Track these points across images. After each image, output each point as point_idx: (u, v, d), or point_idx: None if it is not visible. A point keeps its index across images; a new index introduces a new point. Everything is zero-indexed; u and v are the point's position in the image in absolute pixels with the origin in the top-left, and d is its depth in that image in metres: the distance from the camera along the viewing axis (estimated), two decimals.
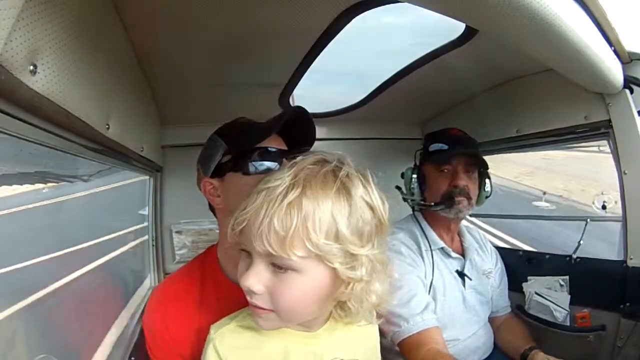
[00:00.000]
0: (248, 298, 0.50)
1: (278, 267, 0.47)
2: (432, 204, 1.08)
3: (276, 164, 0.73)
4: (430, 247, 1.09)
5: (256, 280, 0.48)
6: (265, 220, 0.45)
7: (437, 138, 1.14)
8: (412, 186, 1.14)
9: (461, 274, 1.10)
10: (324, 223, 0.45)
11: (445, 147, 1.10)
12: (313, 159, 0.50)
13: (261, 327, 0.52)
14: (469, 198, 1.07)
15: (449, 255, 1.11)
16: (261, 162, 0.75)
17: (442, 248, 1.10)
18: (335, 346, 0.57)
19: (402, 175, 1.20)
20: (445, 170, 1.08)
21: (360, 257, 0.48)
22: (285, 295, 0.47)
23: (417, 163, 1.18)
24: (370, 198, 0.49)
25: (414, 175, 1.14)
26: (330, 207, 0.45)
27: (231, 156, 0.76)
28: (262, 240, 0.45)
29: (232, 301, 0.63)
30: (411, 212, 1.19)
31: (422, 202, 1.12)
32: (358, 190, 0.48)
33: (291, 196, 0.45)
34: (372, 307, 0.53)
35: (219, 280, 0.77)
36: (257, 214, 0.46)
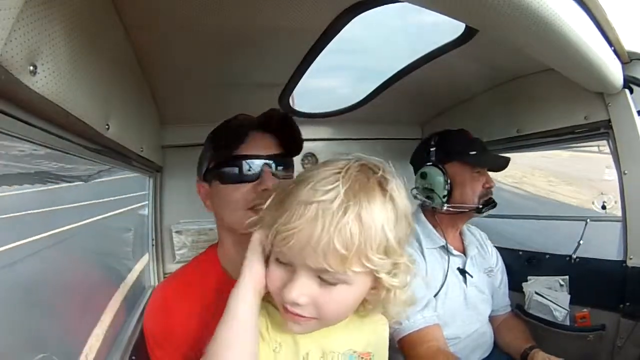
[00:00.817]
0: (288, 307, 0.48)
1: (327, 281, 0.46)
2: (480, 206, 1.08)
3: (255, 174, 0.73)
4: (431, 245, 1.09)
5: (302, 293, 0.46)
6: (324, 237, 0.42)
7: (468, 141, 1.13)
8: (446, 189, 1.08)
9: (462, 272, 1.10)
10: (378, 238, 0.44)
11: (482, 150, 1.11)
12: (357, 166, 0.48)
13: (294, 332, 0.52)
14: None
15: (450, 253, 1.11)
16: (239, 172, 0.75)
17: (444, 246, 1.10)
18: (347, 338, 0.57)
19: (424, 176, 1.13)
20: (480, 172, 1.10)
21: (400, 264, 0.48)
22: (333, 306, 0.48)
23: (437, 163, 1.11)
24: (406, 205, 0.49)
25: (448, 180, 1.09)
26: (382, 221, 0.45)
27: (214, 163, 0.77)
28: (319, 257, 0.43)
29: None
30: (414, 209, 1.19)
31: (462, 207, 1.08)
32: (401, 200, 0.47)
33: (351, 213, 0.43)
34: (389, 315, 0.55)
35: (220, 280, 0.77)
36: (313, 230, 0.43)
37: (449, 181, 1.09)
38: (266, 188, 0.72)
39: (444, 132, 1.18)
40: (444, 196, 1.08)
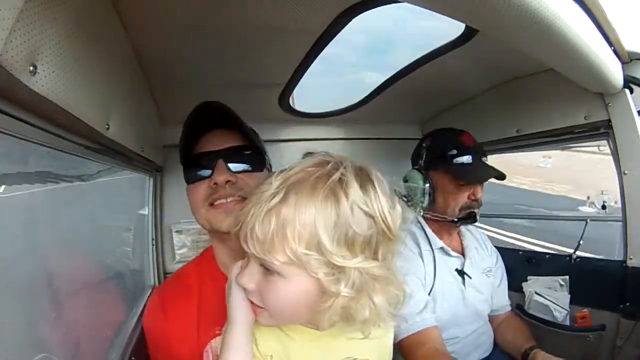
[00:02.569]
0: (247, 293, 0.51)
1: (266, 269, 0.47)
2: (456, 220, 1.05)
3: (208, 170, 0.74)
4: (430, 247, 1.09)
5: (248, 279, 0.49)
6: (250, 224, 0.45)
7: (457, 147, 1.06)
8: (424, 193, 1.06)
9: (461, 273, 1.10)
10: (305, 232, 0.43)
11: (470, 160, 1.05)
12: (312, 161, 0.48)
13: (260, 323, 0.52)
14: (480, 206, 1.08)
15: (448, 255, 1.11)
16: (192, 171, 0.77)
17: (442, 248, 1.10)
18: (348, 345, 0.56)
19: (405, 180, 1.12)
20: (466, 184, 1.05)
21: (349, 269, 0.45)
22: (272, 297, 0.48)
23: (422, 167, 1.10)
24: (369, 205, 0.45)
25: (427, 185, 1.06)
26: (313, 215, 0.43)
27: (183, 167, 0.79)
28: (247, 242, 0.46)
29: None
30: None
31: (440, 216, 1.07)
32: (351, 197, 0.44)
33: (272, 202, 0.44)
34: (368, 321, 0.48)
35: (218, 280, 0.77)
36: (246, 217, 0.46)
37: (427, 188, 1.06)
38: (215, 182, 0.72)
39: (435, 134, 1.14)
40: (421, 202, 1.07)
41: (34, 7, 0.36)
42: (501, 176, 1.04)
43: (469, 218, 1.06)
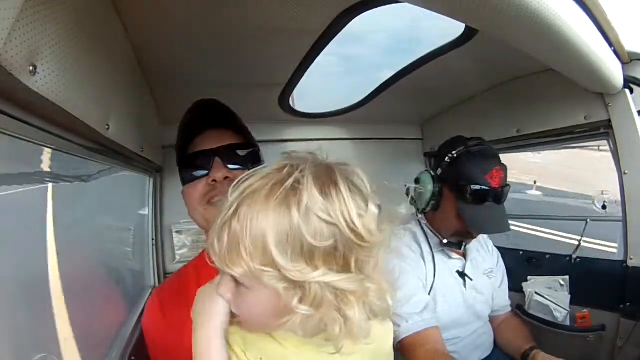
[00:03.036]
0: None
1: (234, 280, 0.46)
2: (445, 242, 1.06)
3: (204, 171, 0.74)
4: (431, 248, 1.09)
5: (224, 290, 0.47)
6: (211, 237, 0.45)
7: (481, 183, 0.96)
8: (430, 201, 1.04)
9: (462, 275, 1.10)
10: (256, 247, 0.41)
11: (486, 203, 0.97)
12: (271, 167, 0.45)
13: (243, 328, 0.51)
14: (473, 239, 1.09)
15: (449, 257, 1.11)
16: (189, 171, 0.77)
17: (443, 249, 1.10)
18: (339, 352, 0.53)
19: (417, 181, 1.09)
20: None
21: (308, 284, 0.41)
22: (242, 307, 0.47)
23: (438, 175, 1.04)
24: (330, 212, 0.41)
25: (435, 195, 1.03)
26: (264, 228, 0.40)
27: (179, 167, 0.80)
28: (210, 256, 0.45)
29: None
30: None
31: (432, 228, 1.09)
32: (304, 205, 0.40)
33: (226, 216, 0.43)
34: (339, 336, 0.44)
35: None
36: (211, 230, 0.46)
37: (436, 196, 1.03)
38: (214, 179, 0.72)
39: (466, 151, 1.00)
40: (423, 209, 1.08)
41: (34, 7, 0.36)
42: (507, 231, 0.99)
43: (456, 245, 1.08)
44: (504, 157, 1.06)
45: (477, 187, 0.96)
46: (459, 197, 0.99)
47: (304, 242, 0.40)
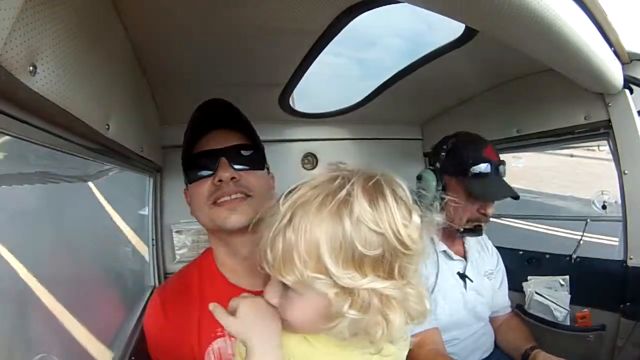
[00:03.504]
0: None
1: (285, 285, 0.48)
2: (461, 230, 1.05)
3: (210, 171, 0.74)
4: (433, 250, 1.09)
5: (271, 295, 0.50)
6: (263, 248, 0.47)
7: (477, 159, 1.02)
8: (435, 196, 1.05)
9: (463, 276, 1.10)
10: (309, 255, 0.43)
11: (487, 174, 1.01)
12: (321, 178, 0.47)
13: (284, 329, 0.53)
14: (488, 220, 1.07)
15: (450, 258, 1.11)
16: (195, 170, 0.76)
17: (445, 251, 1.10)
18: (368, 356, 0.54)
19: (419, 178, 1.10)
20: (478, 199, 1.03)
21: (357, 290, 0.43)
22: (289, 312, 0.49)
23: (438, 169, 1.07)
24: (378, 223, 0.43)
25: (440, 189, 1.04)
26: (317, 237, 0.43)
27: (183, 166, 0.79)
28: (263, 265, 0.47)
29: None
30: None
31: (446, 222, 1.05)
32: (356, 216, 0.43)
33: (279, 226, 0.45)
34: (381, 339, 0.46)
35: (217, 282, 0.77)
36: (260, 241, 0.48)
37: (440, 190, 1.04)
38: (220, 179, 0.72)
39: (459, 139, 1.08)
40: (431, 205, 1.06)
41: (34, 7, 0.36)
42: (516, 196, 1.02)
43: (474, 231, 1.06)
44: (503, 157, 1.06)
45: (479, 163, 1.01)
46: (464, 179, 1.02)
47: (355, 250, 0.43)
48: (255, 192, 0.73)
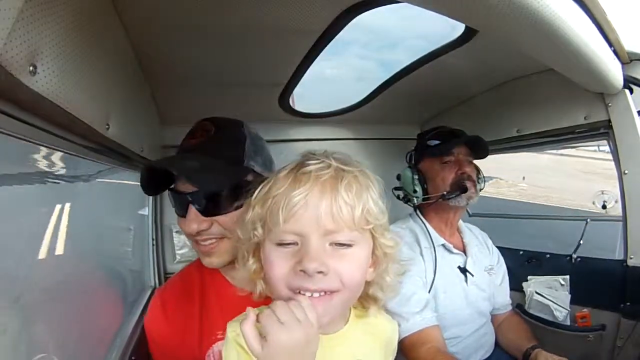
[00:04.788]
0: (310, 285, 0.47)
1: (340, 244, 0.48)
2: (445, 193, 1.08)
3: (184, 211, 0.69)
4: (431, 244, 1.09)
5: (321, 261, 0.47)
6: (337, 197, 0.48)
7: (434, 134, 1.17)
8: (414, 184, 1.14)
9: (463, 270, 1.10)
10: (375, 199, 0.51)
11: (445, 137, 1.15)
12: (339, 155, 0.55)
13: (321, 323, 0.48)
14: (475, 183, 1.10)
15: (450, 252, 1.11)
16: (175, 206, 0.74)
17: (443, 245, 1.10)
18: (354, 346, 0.56)
19: (399, 177, 1.21)
20: (449, 162, 1.11)
21: (387, 231, 0.55)
22: (352, 269, 0.50)
23: (413, 163, 1.20)
24: (378, 184, 0.55)
25: (416, 177, 1.15)
26: (372, 187, 0.52)
27: None
28: (334, 216, 0.47)
29: (232, 304, 0.61)
30: (410, 212, 1.20)
31: (434, 196, 1.11)
32: (372, 178, 0.54)
33: (350, 176, 0.49)
34: (388, 289, 0.57)
35: (218, 283, 0.77)
36: (322, 193, 0.47)
37: (417, 177, 1.14)
38: (189, 233, 0.69)
39: (419, 133, 1.26)
40: (413, 191, 1.14)
41: (34, 7, 0.36)
42: (476, 141, 1.11)
43: (460, 189, 1.08)
44: (503, 157, 1.07)
45: (431, 135, 1.17)
46: (428, 153, 1.15)
47: (384, 204, 0.56)
48: (231, 231, 0.67)
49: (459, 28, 0.92)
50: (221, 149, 0.71)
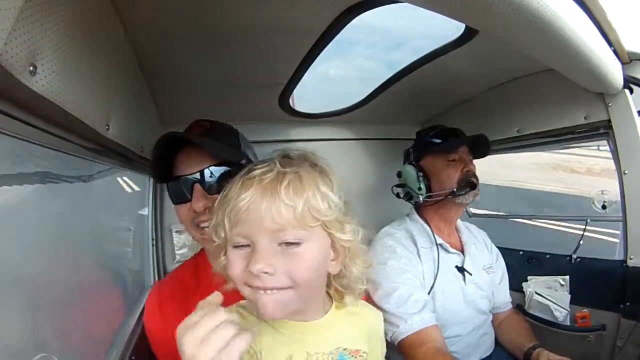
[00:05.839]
0: (259, 284, 0.49)
1: (288, 243, 0.49)
2: (454, 190, 1.08)
3: (187, 194, 0.72)
4: (428, 244, 1.09)
5: (267, 262, 0.49)
6: (275, 199, 0.48)
7: (435, 132, 1.17)
8: (419, 181, 1.13)
9: (461, 270, 1.10)
10: (323, 195, 0.51)
11: (447, 136, 1.14)
12: (295, 154, 0.56)
13: (268, 316, 0.51)
14: (478, 182, 1.11)
15: (447, 251, 1.11)
16: (174, 194, 0.76)
17: (441, 244, 1.10)
18: (334, 337, 0.58)
19: (399, 174, 1.20)
20: (454, 159, 1.11)
21: (346, 225, 0.54)
22: (303, 267, 0.50)
23: (413, 160, 1.19)
24: (338, 181, 0.56)
25: (420, 173, 1.14)
26: (321, 183, 0.52)
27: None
28: (274, 217, 0.48)
29: (228, 299, 0.62)
30: (407, 212, 1.20)
31: (441, 194, 1.10)
32: (332, 176, 0.56)
33: (291, 176, 0.50)
34: (357, 280, 0.58)
35: (212, 278, 0.77)
36: (262, 196, 0.49)
37: (421, 174, 1.13)
38: (195, 210, 0.72)
39: (418, 131, 1.25)
40: (418, 188, 1.13)
41: (34, 7, 0.36)
42: (479, 138, 1.11)
43: (469, 186, 1.09)
44: (503, 157, 1.07)
45: (433, 133, 1.17)
46: (432, 151, 1.14)
47: (340, 197, 0.56)
48: None
49: (459, 28, 0.92)
50: (220, 136, 0.78)
